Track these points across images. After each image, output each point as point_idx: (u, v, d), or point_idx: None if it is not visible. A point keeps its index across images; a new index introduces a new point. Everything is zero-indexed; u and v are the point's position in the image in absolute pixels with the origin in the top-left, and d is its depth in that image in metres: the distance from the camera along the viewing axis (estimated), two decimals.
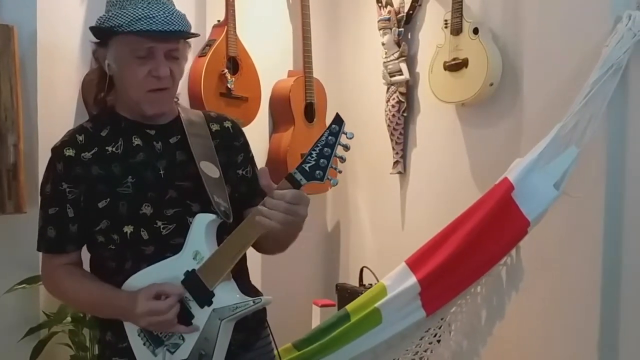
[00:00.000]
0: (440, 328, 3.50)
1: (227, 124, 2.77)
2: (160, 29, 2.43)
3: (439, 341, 3.51)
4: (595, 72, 3.28)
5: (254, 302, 2.46)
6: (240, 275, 2.64)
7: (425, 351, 3.51)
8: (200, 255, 2.46)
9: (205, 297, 2.44)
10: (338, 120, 2.33)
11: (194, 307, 2.45)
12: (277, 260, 3.23)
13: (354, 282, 4.90)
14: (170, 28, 2.45)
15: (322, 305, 4.74)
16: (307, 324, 4.64)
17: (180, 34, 2.51)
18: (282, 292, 4.57)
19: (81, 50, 4.13)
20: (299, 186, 2.32)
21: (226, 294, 2.46)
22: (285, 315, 3.96)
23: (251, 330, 2.68)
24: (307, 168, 2.32)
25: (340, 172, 2.36)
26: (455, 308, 3.50)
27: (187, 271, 2.45)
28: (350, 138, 2.32)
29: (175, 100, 2.71)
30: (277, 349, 2.80)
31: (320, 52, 5.22)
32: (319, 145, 2.32)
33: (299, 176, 2.32)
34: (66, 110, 4.12)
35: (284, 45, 5.23)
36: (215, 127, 2.73)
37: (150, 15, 2.42)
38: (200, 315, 2.45)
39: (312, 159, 2.32)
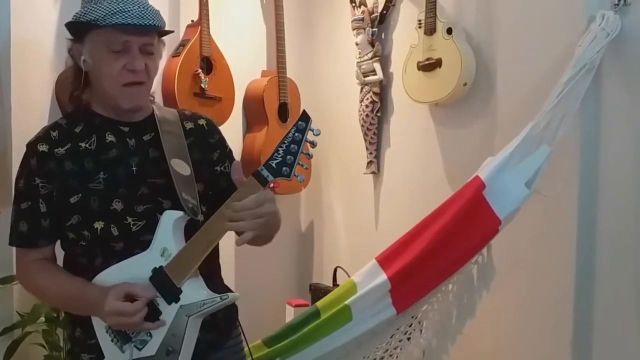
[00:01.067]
0: (410, 326, 3.48)
1: (202, 122, 2.79)
2: (135, 22, 2.47)
3: (409, 339, 3.50)
4: (568, 71, 3.28)
5: (221, 298, 2.45)
6: (213, 274, 2.66)
7: (395, 349, 3.50)
8: (167, 252, 2.45)
9: (172, 294, 2.43)
10: (305, 117, 2.35)
11: (161, 303, 2.44)
12: (251, 260, 3.24)
13: (328, 282, 4.91)
14: (146, 22, 2.49)
15: (296, 305, 4.73)
16: (281, 324, 4.57)
17: (155, 28, 2.55)
18: (256, 292, 4.59)
19: (55, 49, 4.12)
20: (265, 183, 2.34)
21: (193, 291, 2.45)
22: (259, 316, 3.97)
23: (222, 331, 2.70)
24: (273, 165, 2.34)
25: (306, 168, 2.39)
26: (427, 306, 3.48)
27: (155, 268, 2.45)
28: (317, 135, 2.35)
29: (151, 98, 2.73)
30: (248, 346, 2.81)
31: (294, 52, 5.23)
32: (285, 142, 2.34)
33: (265, 173, 2.34)
34: (40, 109, 4.13)
35: (257, 46, 5.23)
36: (189, 125, 2.74)
37: (126, 9, 2.46)
38: (168, 312, 2.44)
39: (279, 156, 2.34)
